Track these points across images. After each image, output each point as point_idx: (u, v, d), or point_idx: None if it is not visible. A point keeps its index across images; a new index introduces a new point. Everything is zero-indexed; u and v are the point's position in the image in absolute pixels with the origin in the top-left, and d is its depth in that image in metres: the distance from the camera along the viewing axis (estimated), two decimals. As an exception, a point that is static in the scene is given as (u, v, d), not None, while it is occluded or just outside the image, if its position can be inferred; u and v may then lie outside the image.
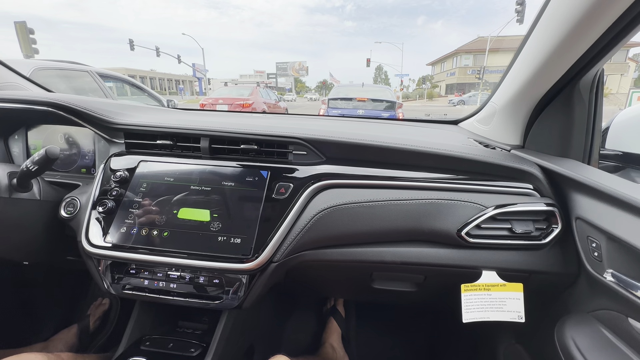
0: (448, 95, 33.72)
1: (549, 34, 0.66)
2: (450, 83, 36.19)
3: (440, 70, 40.13)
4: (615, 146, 0.89)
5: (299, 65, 50.60)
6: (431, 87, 37.07)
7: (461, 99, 25.01)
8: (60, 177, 0.95)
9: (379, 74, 56.98)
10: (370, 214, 0.74)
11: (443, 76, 38.28)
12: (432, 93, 33.71)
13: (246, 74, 61.50)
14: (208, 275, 0.72)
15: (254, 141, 0.82)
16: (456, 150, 0.77)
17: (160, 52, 20.19)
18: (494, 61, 24.90)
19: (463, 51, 32.98)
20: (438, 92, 36.58)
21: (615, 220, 0.56)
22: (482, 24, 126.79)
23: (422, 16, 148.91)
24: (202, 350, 0.77)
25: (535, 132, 0.86)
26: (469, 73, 33.02)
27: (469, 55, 32.94)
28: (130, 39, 18.66)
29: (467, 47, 33.04)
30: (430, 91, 34.04)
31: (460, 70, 33.70)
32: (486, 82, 25.93)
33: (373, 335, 1.43)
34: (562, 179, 0.71)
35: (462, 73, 33.74)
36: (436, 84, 40.16)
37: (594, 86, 0.75)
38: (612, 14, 0.55)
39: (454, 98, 25.85)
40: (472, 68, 32.72)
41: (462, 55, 33.30)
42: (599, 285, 0.62)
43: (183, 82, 45.90)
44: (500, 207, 0.71)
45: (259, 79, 53.78)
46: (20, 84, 1.20)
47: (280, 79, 53.45)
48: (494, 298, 0.74)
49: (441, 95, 35.23)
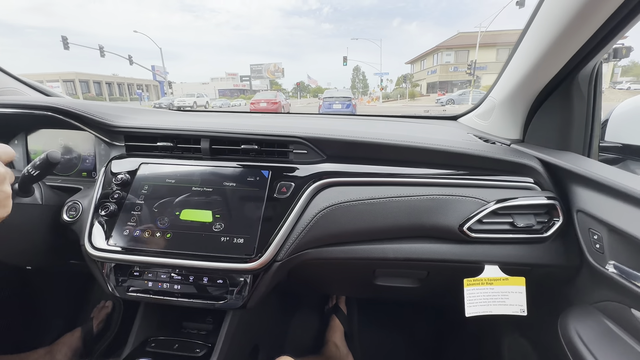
0: (430, 94, 32.51)
1: (546, 27, 0.66)
2: (432, 81, 34.66)
3: (421, 69, 38.45)
4: (614, 138, 0.89)
5: (274, 67, 49.01)
6: (412, 86, 35.52)
7: (450, 97, 22.69)
8: (61, 181, 0.95)
9: (357, 74, 55.66)
10: (372, 211, 0.74)
11: (424, 74, 36.73)
12: (413, 92, 32.32)
13: (217, 77, 57.15)
14: (212, 275, 0.72)
15: (254, 141, 0.82)
16: (456, 145, 0.77)
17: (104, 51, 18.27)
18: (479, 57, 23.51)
19: (444, 47, 31.61)
20: (419, 91, 35.24)
21: (617, 212, 0.56)
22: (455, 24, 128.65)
23: (398, 18, 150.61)
24: (208, 350, 0.77)
25: (534, 126, 0.86)
26: (451, 70, 31.73)
27: (450, 51, 31.58)
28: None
29: (448, 44, 31.70)
30: (411, 90, 32.66)
31: (441, 68, 32.27)
32: (478, 79, 23.92)
33: (376, 332, 1.43)
34: (562, 172, 0.71)
35: (443, 70, 32.33)
36: (417, 83, 38.62)
37: (593, 78, 0.75)
38: (609, 6, 0.55)
39: (441, 97, 23.55)
40: (454, 65, 31.46)
41: (443, 52, 31.90)
42: (601, 277, 0.62)
43: (147, 86, 42.62)
44: (501, 202, 0.72)
45: (232, 81, 51.85)
46: (19, 88, 1.20)
47: (255, 81, 51.44)
48: (496, 292, 0.75)
49: (423, 95, 33.90)
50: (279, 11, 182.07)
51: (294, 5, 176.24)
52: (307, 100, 39.58)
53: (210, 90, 46.25)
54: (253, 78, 50.98)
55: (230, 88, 50.27)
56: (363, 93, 50.65)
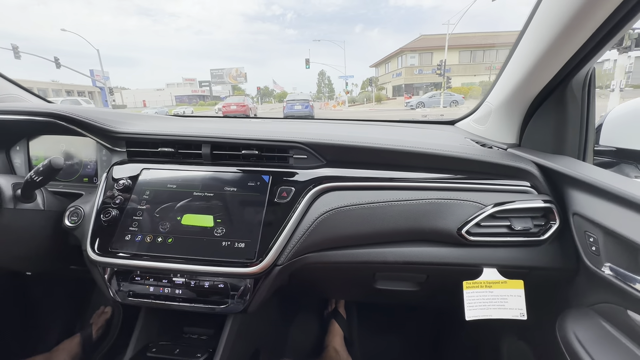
0: (397, 97, 31.71)
1: (541, 34, 0.68)
2: (398, 84, 33.59)
3: (385, 72, 37.17)
4: (609, 142, 0.91)
5: (236, 71, 46.31)
6: (377, 90, 34.40)
7: (420, 100, 20.84)
8: (63, 186, 0.96)
9: (322, 79, 55.34)
10: (371, 215, 0.75)
11: (389, 77, 35.65)
12: (380, 96, 31.42)
13: (174, 82, 54.35)
14: (213, 280, 0.73)
15: (254, 146, 0.83)
16: (454, 150, 0.79)
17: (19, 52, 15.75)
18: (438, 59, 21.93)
19: (408, 50, 30.86)
20: (385, 95, 34.11)
21: (611, 215, 0.57)
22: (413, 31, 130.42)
23: (360, 24, 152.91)
24: (209, 355, 0.77)
25: (530, 130, 0.88)
26: (416, 73, 31.00)
27: (414, 54, 30.82)
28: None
29: (411, 46, 31.05)
30: (378, 94, 31.77)
31: (406, 70, 31.40)
32: (448, 80, 22.21)
33: (375, 336, 1.43)
34: (558, 175, 0.72)
35: (408, 73, 31.43)
36: (382, 86, 37.31)
37: (586, 84, 0.77)
38: (601, 13, 0.57)
39: (410, 100, 21.81)
40: (419, 67, 30.76)
41: (407, 54, 31.11)
42: (597, 279, 0.63)
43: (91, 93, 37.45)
44: (499, 205, 0.73)
45: (189, 87, 49.26)
46: (20, 95, 1.21)
47: (217, 87, 48.40)
48: (495, 295, 0.75)
49: (389, 98, 32.91)
50: (242, 16, 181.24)
51: (256, 10, 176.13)
52: (271, 106, 38.49)
53: (167, 97, 43.72)
54: (214, 83, 48.10)
55: (188, 94, 47.71)
56: (330, 97, 49.06)
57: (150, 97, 39.87)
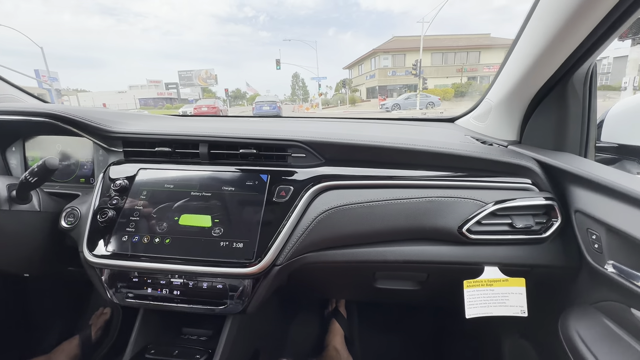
0: (371, 99, 31.08)
1: (541, 29, 0.67)
2: (371, 86, 32.93)
3: (359, 74, 36.38)
4: (610, 138, 0.90)
5: (205, 73, 43.36)
6: (351, 92, 33.29)
7: (396, 102, 19.81)
8: (59, 187, 0.95)
9: (296, 81, 54.07)
10: (371, 214, 0.74)
11: (362, 79, 34.92)
12: (354, 98, 30.52)
13: (137, 84, 48.96)
14: (211, 280, 0.72)
15: (252, 145, 0.82)
16: (454, 147, 0.78)
17: None
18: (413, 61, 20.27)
19: (381, 51, 30.25)
20: (360, 97, 33.24)
21: (614, 212, 0.57)
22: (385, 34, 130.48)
23: (333, 27, 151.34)
24: (208, 356, 0.77)
25: (531, 127, 0.87)
26: (390, 75, 30.42)
27: (387, 55, 30.21)
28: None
29: (384, 47, 30.52)
30: (352, 96, 30.82)
31: (380, 72, 30.71)
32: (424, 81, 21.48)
33: (376, 336, 1.42)
34: (559, 172, 0.72)
35: (382, 75, 30.73)
36: (356, 88, 36.53)
37: (588, 80, 0.76)
38: (602, 8, 0.56)
39: (385, 102, 20.89)
40: (392, 69, 30.17)
41: (380, 56, 30.42)
42: (600, 277, 0.62)
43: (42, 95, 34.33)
44: (500, 203, 0.72)
45: (155, 89, 44.91)
46: (15, 95, 1.20)
47: (186, 89, 45.20)
48: (496, 293, 0.75)
49: (364, 100, 32.05)
50: (213, 17, 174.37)
51: (228, 12, 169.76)
52: (242, 108, 37.24)
53: (129, 100, 39.79)
54: (183, 85, 44.55)
55: (153, 97, 43.45)
56: (304, 100, 48.07)
57: (111, 101, 36.89)
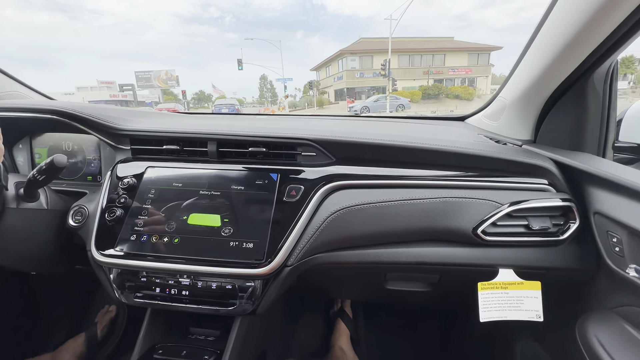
0: (339, 101, 30.31)
1: (561, 24, 0.65)
2: (339, 88, 31.63)
3: (327, 75, 34.78)
4: (629, 138, 0.87)
5: (165, 74, 39.71)
6: (319, 94, 32.33)
7: (365, 104, 18.83)
8: (67, 185, 0.94)
9: (264, 83, 53.02)
10: (384, 214, 0.73)
11: (330, 81, 34.00)
12: (322, 100, 29.66)
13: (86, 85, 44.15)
14: (221, 281, 0.71)
15: (261, 144, 0.80)
16: (468, 147, 0.76)
17: None
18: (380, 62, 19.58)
19: (348, 52, 29.62)
20: (328, 99, 32.43)
21: (637, 214, 0.55)
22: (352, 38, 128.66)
23: (301, 30, 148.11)
24: (217, 356, 0.76)
25: (546, 126, 0.85)
26: (357, 76, 29.87)
27: (355, 56, 29.63)
28: None
29: (351, 49, 29.99)
30: (320, 98, 29.93)
31: (347, 74, 30.02)
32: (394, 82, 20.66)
33: (382, 336, 1.41)
34: (577, 173, 0.70)
35: (350, 77, 30.07)
36: (324, 90, 35.49)
37: (609, 77, 0.74)
38: (630, 2, 0.53)
39: (353, 105, 20.07)
40: (360, 70, 29.64)
41: (347, 57, 29.72)
42: (621, 281, 0.60)
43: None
44: (515, 204, 0.70)
45: (107, 91, 40.56)
46: (22, 92, 1.19)
47: (144, 91, 41.38)
48: (511, 297, 0.73)
49: (332, 102, 31.32)
50: (176, 17, 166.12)
51: (192, 12, 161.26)
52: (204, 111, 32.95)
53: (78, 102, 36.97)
54: (141, 87, 40.47)
55: (105, 99, 38.68)
56: (272, 102, 46.76)
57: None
